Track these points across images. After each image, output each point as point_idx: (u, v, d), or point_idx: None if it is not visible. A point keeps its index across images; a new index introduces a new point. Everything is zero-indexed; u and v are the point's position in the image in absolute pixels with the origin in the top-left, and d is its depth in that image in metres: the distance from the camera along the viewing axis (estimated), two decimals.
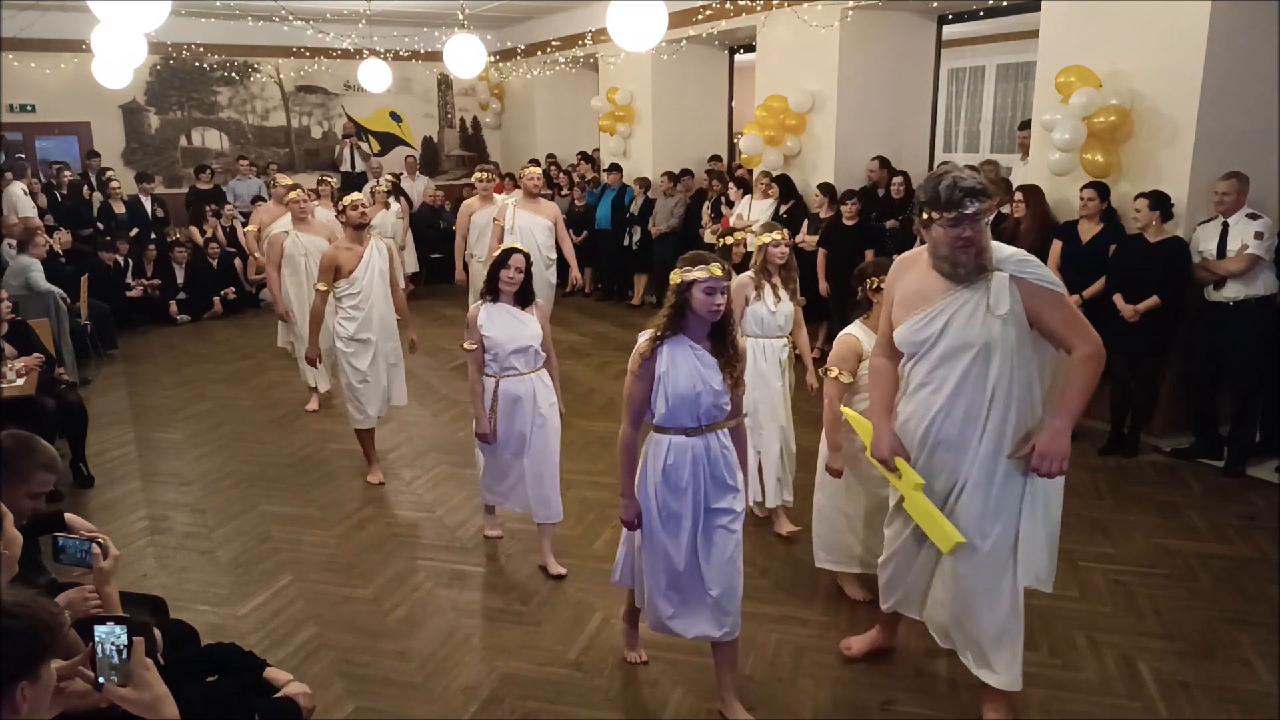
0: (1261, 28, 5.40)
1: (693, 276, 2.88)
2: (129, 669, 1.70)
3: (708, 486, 3.05)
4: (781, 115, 8.50)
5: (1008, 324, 2.72)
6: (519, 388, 4.16)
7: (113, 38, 7.12)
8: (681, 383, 2.93)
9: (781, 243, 4.42)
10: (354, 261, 5.18)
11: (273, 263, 6.63)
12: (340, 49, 12.05)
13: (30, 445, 2.48)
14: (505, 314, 4.11)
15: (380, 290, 5.27)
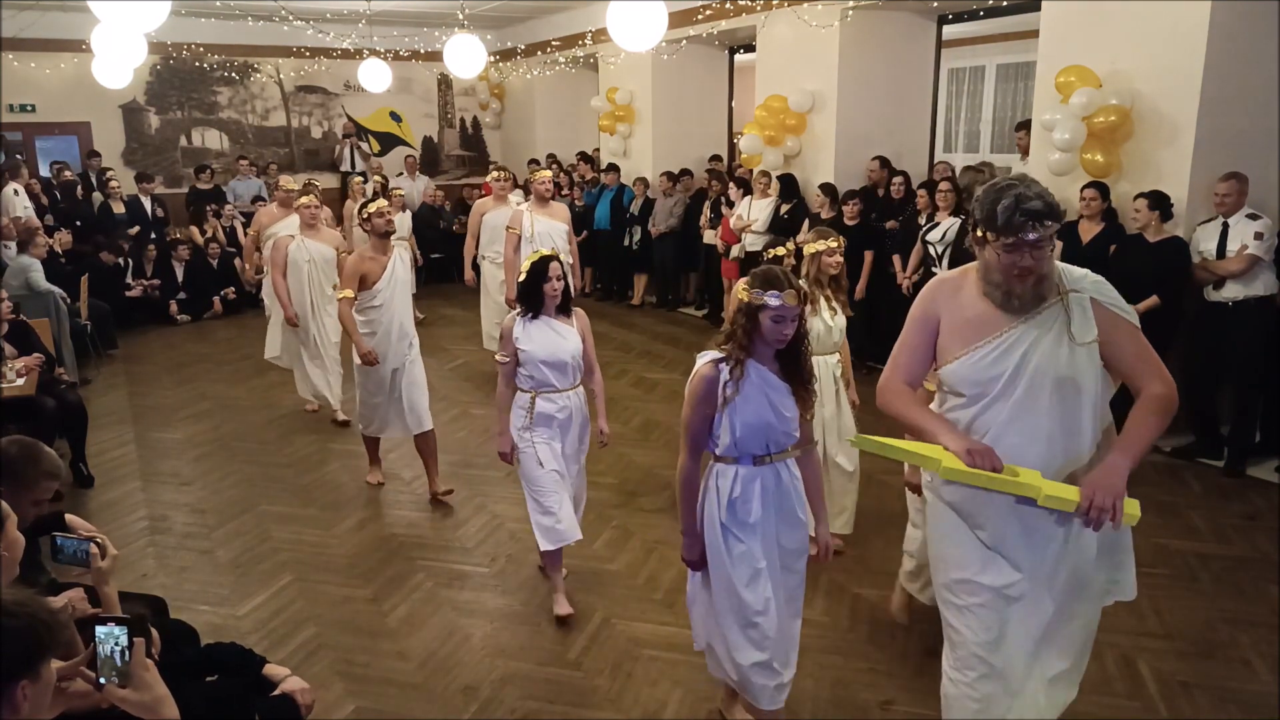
0: (1261, 28, 5.40)
1: (763, 301, 2.59)
2: (129, 670, 1.71)
3: (778, 522, 2.78)
4: (781, 115, 8.50)
5: (1092, 353, 2.35)
6: (556, 405, 3.86)
7: (113, 38, 7.13)
8: (750, 411, 2.67)
9: (836, 251, 4.11)
10: (378, 272, 4.96)
11: (277, 267, 6.41)
12: (340, 49, 12.05)
13: (36, 453, 2.50)
14: (544, 327, 3.82)
15: (401, 301, 5.07)
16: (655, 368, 7.94)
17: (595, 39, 10.66)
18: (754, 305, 2.61)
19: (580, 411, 3.94)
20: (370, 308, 4.98)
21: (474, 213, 7.49)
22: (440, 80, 14.04)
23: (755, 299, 2.60)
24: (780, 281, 2.60)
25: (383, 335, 5.00)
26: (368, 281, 4.95)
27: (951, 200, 6.73)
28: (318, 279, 6.44)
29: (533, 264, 3.78)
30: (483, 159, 14.52)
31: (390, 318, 5.00)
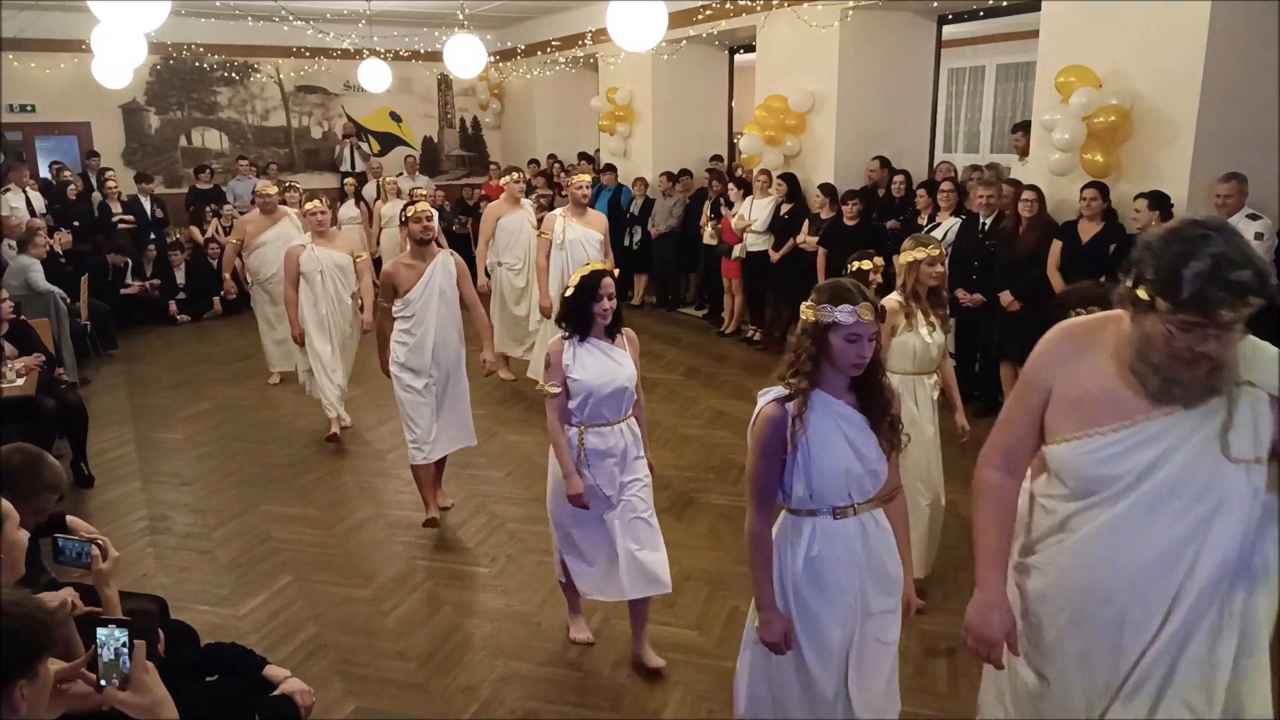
0: (1261, 28, 5.40)
1: (833, 318, 2.22)
2: (130, 672, 1.71)
3: (865, 584, 2.35)
4: (781, 115, 8.49)
5: (1253, 475, 1.76)
6: (608, 441, 3.37)
7: (113, 38, 7.13)
8: (826, 454, 2.26)
9: (937, 260, 3.73)
10: (413, 280, 4.57)
11: (290, 280, 5.97)
12: (340, 49, 12.05)
13: (38, 464, 2.47)
14: (596, 352, 3.34)
15: (441, 314, 4.61)
16: (655, 368, 7.94)
17: (595, 39, 10.66)
18: (822, 324, 2.23)
19: (634, 444, 3.45)
20: (402, 318, 4.62)
21: (487, 216, 7.23)
22: (440, 80, 14.05)
23: (824, 316, 2.23)
24: (852, 294, 2.23)
25: (415, 348, 4.62)
26: (399, 291, 4.59)
27: (953, 200, 6.73)
28: (332, 289, 6.05)
29: (582, 279, 3.28)
30: (483, 159, 14.53)
31: (425, 330, 4.59)
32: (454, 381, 4.78)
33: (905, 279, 3.80)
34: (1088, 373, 1.87)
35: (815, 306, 2.26)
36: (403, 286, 4.59)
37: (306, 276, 5.93)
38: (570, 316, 3.33)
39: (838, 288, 2.26)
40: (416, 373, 4.65)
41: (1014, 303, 6.02)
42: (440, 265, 4.62)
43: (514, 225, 7.07)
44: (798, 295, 7.97)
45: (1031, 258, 5.95)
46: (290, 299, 5.99)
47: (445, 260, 4.67)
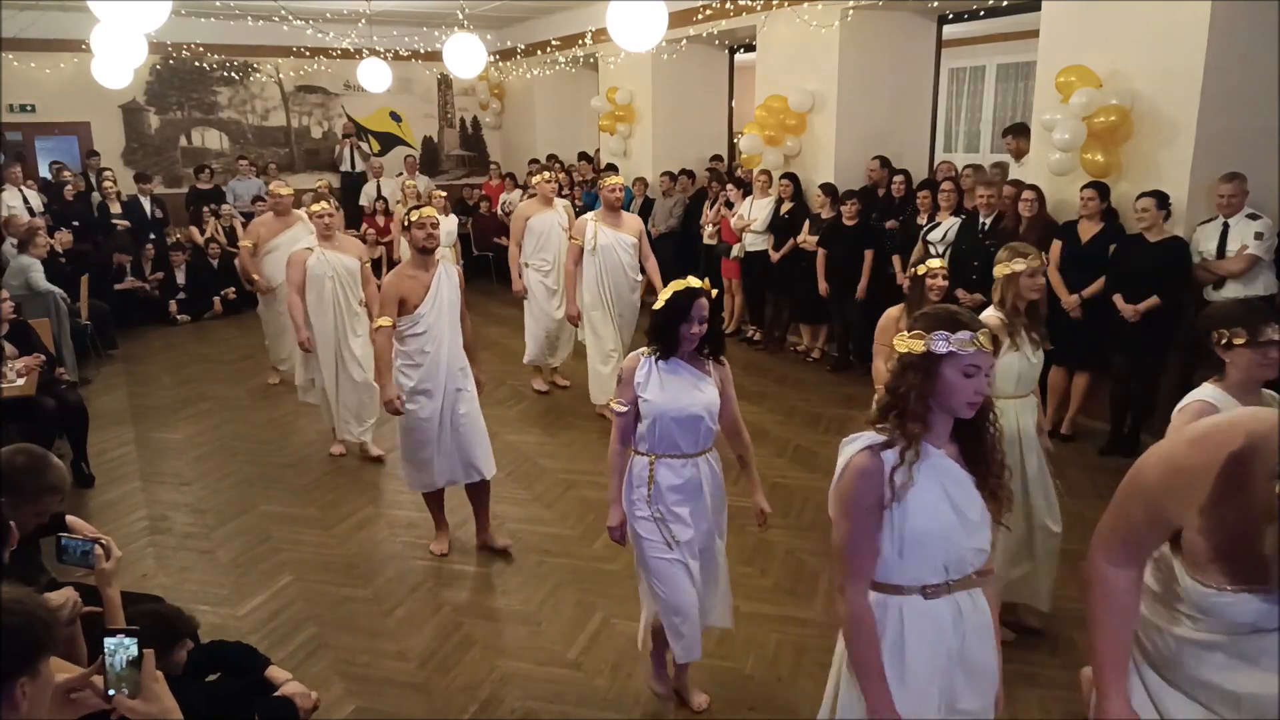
0: (1261, 28, 5.40)
1: (945, 349, 1.87)
2: (139, 680, 1.71)
3: (955, 679, 2.00)
4: (781, 115, 8.49)
5: None
6: (681, 475, 3.02)
7: (113, 38, 7.12)
8: (924, 513, 1.90)
9: (1038, 271, 3.44)
10: (419, 292, 4.20)
11: (294, 285, 5.64)
12: (340, 49, 12.04)
13: (42, 466, 2.46)
14: (676, 374, 3.00)
15: (450, 326, 4.29)
16: None
17: (595, 39, 10.65)
18: (932, 356, 1.87)
19: (712, 481, 3.09)
20: (412, 335, 4.24)
21: (517, 217, 6.93)
22: (440, 80, 14.04)
23: (937, 346, 1.86)
24: (967, 321, 1.88)
25: (430, 367, 4.26)
26: (408, 305, 4.20)
27: (953, 200, 6.73)
28: (342, 295, 5.72)
29: (674, 296, 2.93)
30: (483, 159, 14.52)
31: (437, 346, 4.25)
32: (467, 399, 4.38)
33: (1003, 293, 3.47)
34: (1233, 514, 1.49)
35: (924, 335, 1.88)
36: (411, 299, 4.20)
37: (315, 282, 5.63)
38: (656, 334, 3.00)
39: (949, 314, 1.91)
40: (430, 395, 4.27)
41: None
42: (444, 274, 4.31)
43: (543, 226, 6.81)
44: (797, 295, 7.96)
45: None
46: (296, 305, 5.63)
47: (448, 270, 4.36)
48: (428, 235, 4.23)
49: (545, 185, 6.87)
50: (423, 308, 4.23)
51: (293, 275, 5.67)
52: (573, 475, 5.55)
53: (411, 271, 4.27)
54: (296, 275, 5.63)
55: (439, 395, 4.29)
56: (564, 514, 5.01)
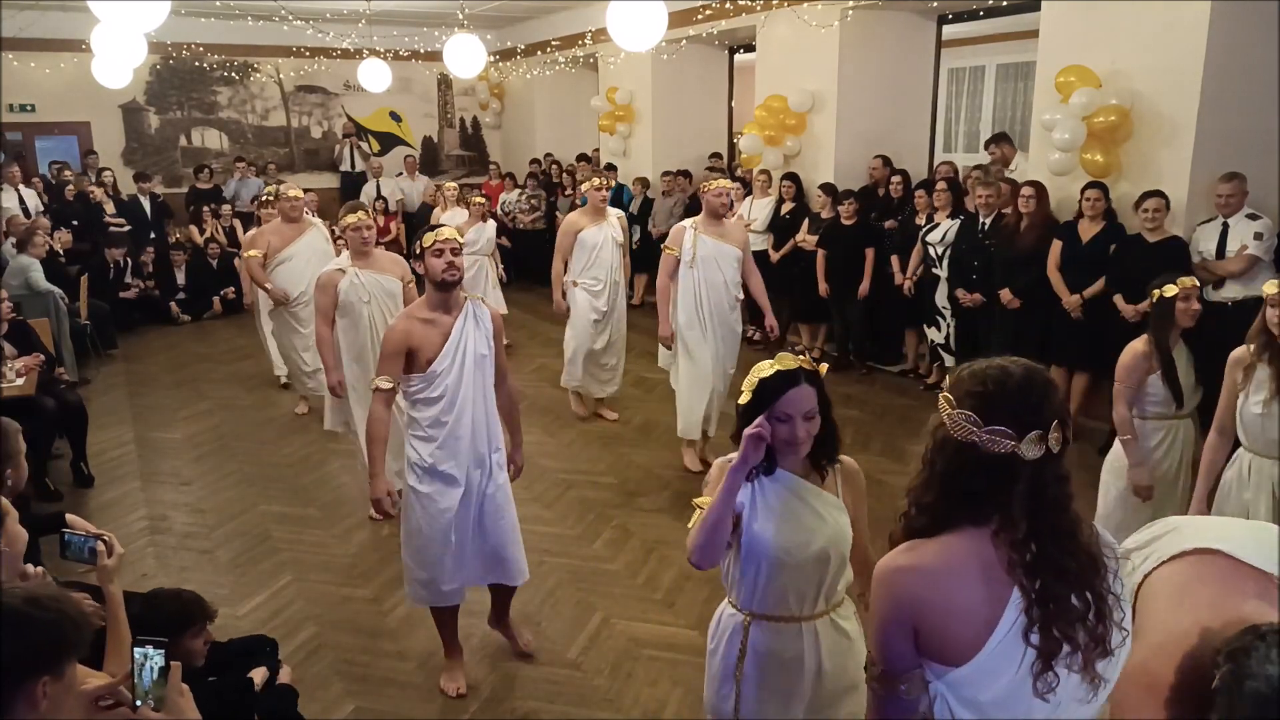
0: (1261, 28, 5.40)
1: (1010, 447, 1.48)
2: (164, 693, 1.70)
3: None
4: (781, 115, 8.50)
5: None
6: (787, 647, 2.17)
7: (112, 37, 7.12)
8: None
9: (1192, 295, 3.18)
10: (435, 342, 3.21)
11: (323, 314, 4.65)
12: (340, 49, 12.05)
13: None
14: (786, 494, 2.13)
15: (477, 388, 3.28)
16: (655, 368, 7.92)
17: (595, 39, 10.66)
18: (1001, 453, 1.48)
19: (833, 655, 2.18)
20: (424, 400, 3.24)
21: (564, 230, 6.23)
22: (440, 80, 14.04)
23: (995, 445, 1.48)
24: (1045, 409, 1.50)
25: (448, 442, 3.26)
26: (420, 359, 3.21)
27: (948, 200, 6.73)
28: (381, 324, 4.58)
29: (760, 384, 2.07)
30: (482, 159, 14.52)
31: (459, 414, 3.25)
32: (493, 485, 3.42)
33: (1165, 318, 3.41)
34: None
35: (984, 429, 1.49)
36: (424, 351, 3.21)
37: (348, 309, 4.62)
38: (760, 454, 2.04)
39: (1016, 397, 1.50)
40: (449, 482, 3.29)
41: (1014, 300, 6.02)
42: (471, 317, 3.27)
43: (596, 240, 6.08)
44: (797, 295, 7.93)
45: (1031, 256, 5.95)
46: (325, 340, 4.68)
47: (479, 312, 3.31)
48: (448, 266, 3.17)
49: (596, 193, 6.12)
50: (439, 363, 3.20)
51: (321, 301, 4.67)
52: (573, 475, 5.55)
53: (426, 313, 3.24)
54: (326, 302, 4.63)
55: (460, 479, 3.31)
56: (564, 514, 5.01)
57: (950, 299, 6.58)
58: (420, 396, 3.25)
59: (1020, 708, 1.50)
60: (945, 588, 1.50)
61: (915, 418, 6.49)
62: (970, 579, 1.50)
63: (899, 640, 1.55)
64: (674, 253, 5.35)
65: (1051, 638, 1.47)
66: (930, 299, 6.83)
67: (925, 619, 1.51)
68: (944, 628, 1.50)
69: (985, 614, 1.49)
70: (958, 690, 1.52)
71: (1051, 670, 1.47)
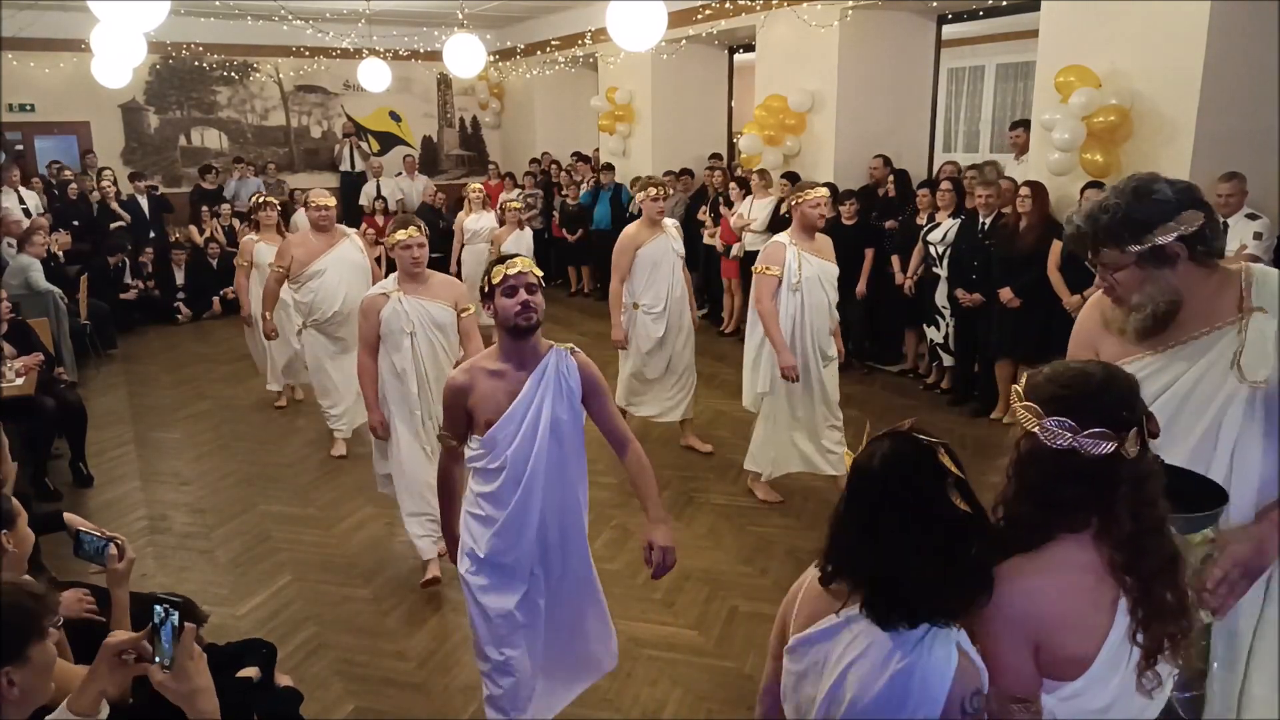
0: (1261, 28, 5.40)
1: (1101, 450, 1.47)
2: (174, 655, 1.65)
3: None
4: (781, 115, 8.50)
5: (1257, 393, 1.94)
6: None
7: (112, 37, 7.13)
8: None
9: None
10: (500, 402, 2.60)
11: (366, 343, 4.04)
12: (340, 48, 12.04)
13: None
14: None
15: (553, 464, 2.64)
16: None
17: (595, 39, 10.66)
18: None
19: None
20: (482, 471, 2.67)
21: (622, 246, 5.51)
22: (440, 80, 14.04)
23: (1092, 448, 1.48)
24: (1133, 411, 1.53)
25: (509, 529, 2.66)
26: (478, 420, 2.64)
27: (951, 200, 6.73)
28: (430, 357, 4.05)
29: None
30: (482, 159, 14.53)
31: (525, 496, 2.62)
32: (571, 582, 2.82)
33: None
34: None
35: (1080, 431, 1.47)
36: (483, 412, 2.62)
37: (389, 340, 4.01)
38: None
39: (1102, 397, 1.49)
40: (509, 577, 2.71)
41: (1014, 300, 6.02)
42: (551, 373, 2.62)
43: (655, 255, 5.45)
44: None
45: (1031, 256, 5.95)
46: (366, 370, 4.07)
47: (561, 364, 2.65)
48: (522, 308, 2.55)
49: (652, 204, 5.46)
50: (500, 428, 2.58)
51: (363, 328, 4.05)
52: None
53: (494, 363, 2.65)
54: (369, 329, 4.02)
55: (523, 577, 2.72)
56: None
57: (950, 298, 6.58)
58: (478, 465, 2.66)
59: (1126, 708, 1.52)
60: (1063, 601, 1.49)
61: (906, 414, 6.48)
62: (1084, 589, 1.49)
63: (1021, 661, 1.51)
64: (774, 274, 4.65)
65: (1155, 635, 1.48)
66: (930, 299, 6.83)
67: (1047, 636, 1.49)
68: (1064, 642, 1.49)
69: (1099, 621, 1.50)
70: (1072, 703, 1.51)
71: (1154, 668, 1.50)
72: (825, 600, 1.57)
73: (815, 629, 1.57)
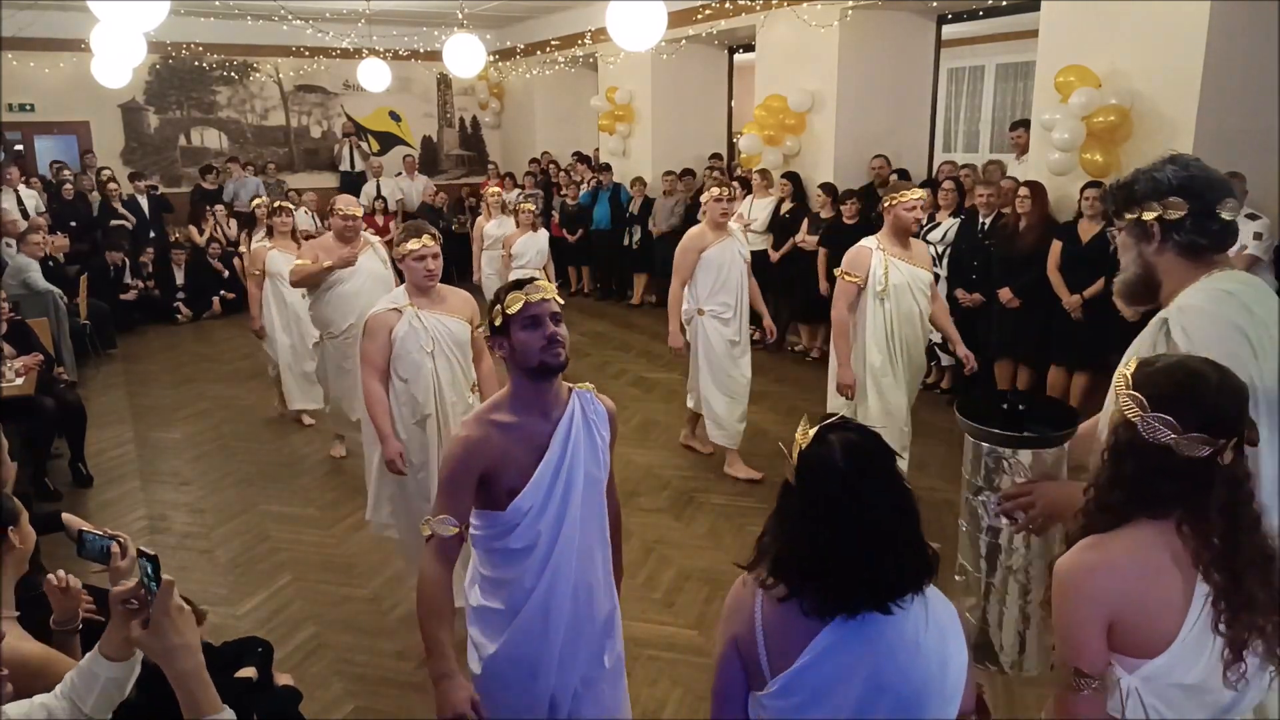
0: (1261, 28, 5.40)
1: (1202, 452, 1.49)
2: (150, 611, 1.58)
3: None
4: (781, 115, 8.50)
5: None
6: None
7: (112, 37, 7.12)
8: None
9: None
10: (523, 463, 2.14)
11: (373, 367, 3.50)
12: (339, 48, 12.04)
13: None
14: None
15: (589, 533, 2.24)
16: (655, 367, 7.95)
17: (595, 38, 10.66)
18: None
19: None
20: (501, 552, 2.27)
21: (685, 248, 5.28)
22: (439, 80, 14.04)
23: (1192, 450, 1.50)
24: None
25: (534, 621, 2.24)
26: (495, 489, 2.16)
27: (953, 200, 6.73)
28: (448, 378, 3.59)
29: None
30: (482, 159, 14.53)
31: (553, 578, 2.21)
32: (606, 676, 2.36)
33: None
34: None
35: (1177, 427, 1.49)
36: (503, 478, 2.14)
37: (403, 361, 3.51)
38: None
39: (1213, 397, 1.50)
40: (531, 675, 2.25)
41: (1014, 300, 6.02)
42: (580, 418, 2.21)
43: (721, 258, 5.22)
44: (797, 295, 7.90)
45: (1030, 256, 5.95)
46: (376, 398, 3.51)
47: (588, 408, 2.25)
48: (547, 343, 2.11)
49: (716, 205, 5.19)
50: (528, 496, 2.13)
51: (368, 349, 3.51)
52: None
53: (508, 415, 2.17)
54: (375, 350, 3.49)
55: (549, 677, 2.24)
56: None
57: (950, 298, 6.58)
58: (496, 546, 2.19)
59: (1210, 697, 1.55)
60: (1143, 581, 1.53)
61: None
62: (1163, 570, 1.52)
63: (1096, 638, 1.55)
64: (855, 280, 4.33)
65: (1241, 627, 1.50)
66: None
67: (1124, 614, 1.53)
68: (1142, 620, 1.53)
69: (1178, 603, 1.52)
70: (1154, 682, 1.54)
71: (1242, 660, 1.52)
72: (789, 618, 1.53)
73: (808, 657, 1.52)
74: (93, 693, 1.64)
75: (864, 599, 1.48)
